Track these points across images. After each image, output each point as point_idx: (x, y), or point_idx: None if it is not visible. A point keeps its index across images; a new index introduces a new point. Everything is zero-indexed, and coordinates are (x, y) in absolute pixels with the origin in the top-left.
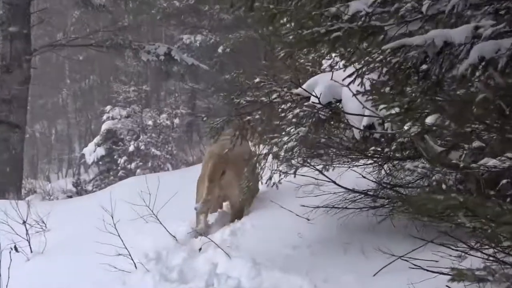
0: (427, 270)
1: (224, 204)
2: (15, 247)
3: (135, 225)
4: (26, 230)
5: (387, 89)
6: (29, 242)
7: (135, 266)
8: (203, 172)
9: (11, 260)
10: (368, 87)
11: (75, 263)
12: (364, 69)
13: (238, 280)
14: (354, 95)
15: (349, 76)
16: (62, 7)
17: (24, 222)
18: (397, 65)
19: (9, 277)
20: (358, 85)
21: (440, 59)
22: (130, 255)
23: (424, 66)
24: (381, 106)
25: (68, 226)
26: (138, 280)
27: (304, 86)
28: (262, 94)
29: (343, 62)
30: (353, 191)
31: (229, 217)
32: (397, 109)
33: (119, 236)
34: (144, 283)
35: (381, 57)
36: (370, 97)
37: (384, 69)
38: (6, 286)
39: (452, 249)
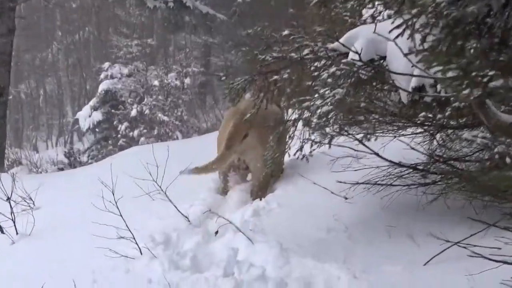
0: (488, 259)
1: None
2: None
3: (140, 203)
4: (11, 208)
5: (443, 47)
6: (14, 222)
7: (140, 252)
8: (221, 136)
9: None
10: (419, 43)
11: (69, 248)
12: (414, 21)
13: (263, 269)
14: (405, 55)
15: (397, 27)
16: None
17: (8, 199)
18: (455, 20)
19: None
20: (408, 38)
21: (506, 13)
22: (134, 238)
23: (487, 21)
24: (436, 68)
25: (59, 203)
26: (143, 268)
27: (341, 40)
28: (291, 49)
29: (387, 12)
30: (400, 165)
31: (250, 194)
32: (454, 71)
33: (121, 216)
34: (151, 271)
35: (436, 9)
36: (423, 58)
37: (440, 23)
38: None
39: None
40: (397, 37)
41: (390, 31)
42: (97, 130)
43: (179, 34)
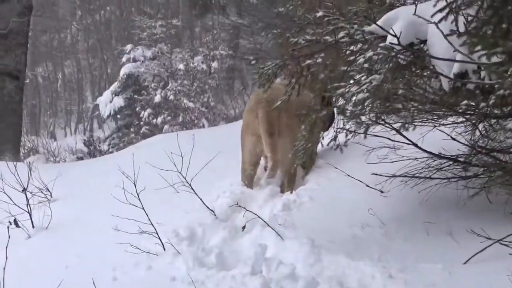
0: None
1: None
2: (14, 221)
3: (164, 196)
4: (27, 199)
5: (489, 29)
6: (30, 215)
7: (163, 247)
8: (246, 122)
9: (9, 237)
10: (462, 26)
11: (87, 242)
12: (459, 2)
13: (293, 267)
14: (445, 37)
15: (440, 11)
16: None
17: (24, 190)
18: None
19: (7, 258)
20: (451, 22)
21: None
22: (157, 233)
23: None
24: (480, 53)
25: (78, 195)
26: (166, 265)
27: (379, 22)
28: (326, 32)
29: None
30: (439, 156)
31: (279, 187)
32: (499, 56)
33: (143, 209)
34: (175, 268)
35: None
36: (466, 40)
37: (485, 3)
38: (4, 269)
39: None
40: (440, 21)
41: (432, 15)
42: (118, 116)
43: (206, 15)
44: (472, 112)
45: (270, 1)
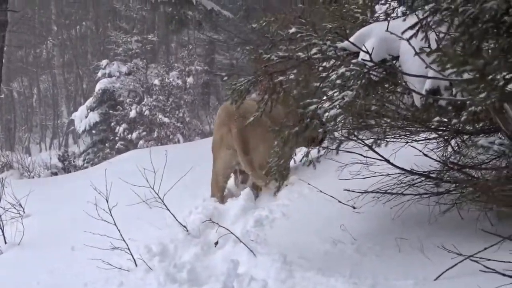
0: (502, 274)
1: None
2: None
3: (136, 212)
4: None
5: (459, 47)
6: (2, 231)
7: (135, 263)
8: (219, 136)
9: None
10: (434, 43)
11: (60, 258)
12: (429, 20)
13: (265, 283)
14: (417, 53)
15: (411, 28)
16: None
17: None
18: (471, 17)
19: None
20: (422, 39)
21: None
22: (128, 249)
23: (505, 19)
24: (450, 70)
25: (51, 211)
26: (138, 281)
27: (352, 38)
28: (299, 48)
29: (401, 8)
30: (411, 172)
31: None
32: (470, 73)
33: (115, 225)
34: (146, 284)
35: (451, 6)
36: (437, 58)
37: (455, 21)
38: None
39: None
40: (411, 37)
41: (403, 32)
42: (93, 132)
43: (182, 30)
44: (444, 128)
45: (246, 17)
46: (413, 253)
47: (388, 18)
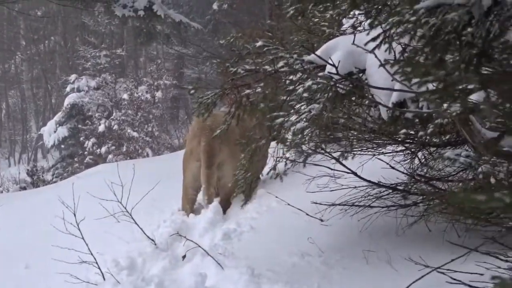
0: (470, 286)
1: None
2: None
3: (104, 225)
4: None
5: (422, 58)
6: None
7: (103, 277)
8: (189, 148)
9: None
10: (398, 55)
11: (27, 272)
12: (392, 31)
13: None
14: (382, 64)
15: (374, 39)
16: None
17: None
18: (434, 29)
19: None
20: (386, 51)
21: (487, 22)
22: (96, 263)
23: (467, 30)
24: (414, 80)
25: (19, 225)
26: None
27: (318, 52)
28: (266, 61)
29: (368, 22)
30: (379, 185)
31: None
32: (433, 84)
33: (82, 238)
34: None
35: (414, 17)
36: (399, 69)
37: (418, 33)
38: None
39: (501, 259)
40: (374, 48)
41: (366, 43)
42: (62, 146)
43: (150, 44)
44: (411, 141)
45: (214, 31)
46: (380, 265)
47: (355, 32)
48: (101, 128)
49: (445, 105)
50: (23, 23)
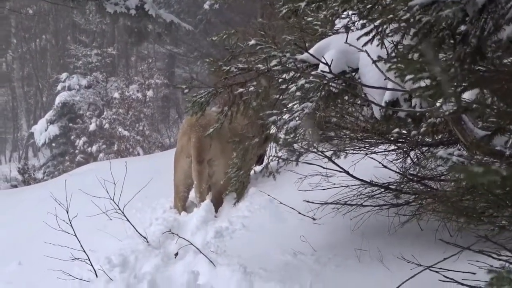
0: (461, 284)
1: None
2: None
3: (96, 223)
4: None
5: (415, 55)
6: None
7: (96, 274)
8: (180, 146)
9: None
10: (391, 52)
11: (20, 270)
12: (385, 27)
13: None
14: (374, 61)
15: (366, 34)
16: None
17: None
18: (427, 26)
19: None
20: (378, 45)
21: (482, 19)
22: (89, 260)
23: (461, 28)
24: (407, 77)
25: (11, 223)
26: None
27: (311, 50)
28: (258, 60)
29: (361, 21)
30: (371, 184)
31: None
32: (427, 81)
33: (75, 236)
34: None
35: (407, 15)
36: (393, 65)
37: (411, 30)
38: None
39: (494, 257)
40: (365, 44)
41: (358, 38)
42: (53, 145)
43: (141, 43)
44: (403, 140)
45: (205, 31)
46: (373, 264)
47: (348, 31)
48: (92, 127)
49: (438, 104)
50: (14, 21)
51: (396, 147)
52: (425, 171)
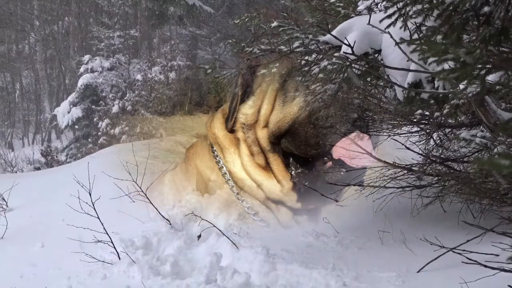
0: (484, 266)
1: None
2: None
3: (119, 205)
4: None
5: (439, 37)
6: None
7: (119, 256)
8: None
9: None
10: (415, 35)
11: (43, 252)
12: (408, 9)
13: (247, 276)
14: (397, 43)
15: (389, 16)
16: None
17: None
18: (451, 8)
19: None
20: (401, 28)
21: (506, 0)
22: (112, 242)
23: (485, 9)
24: (431, 59)
25: (34, 205)
26: (121, 273)
27: (334, 32)
28: (281, 42)
29: (384, 3)
30: (394, 165)
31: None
32: (451, 63)
33: (98, 218)
34: (129, 277)
35: None
36: (417, 47)
37: (435, 12)
38: None
39: None
40: (388, 26)
41: (381, 20)
42: (76, 127)
43: (164, 25)
44: (426, 122)
45: (228, 13)
46: (395, 246)
47: (370, 12)
48: (114, 109)
49: (461, 86)
50: (36, 3)
51: (419, 129)
52: (448, 152)
